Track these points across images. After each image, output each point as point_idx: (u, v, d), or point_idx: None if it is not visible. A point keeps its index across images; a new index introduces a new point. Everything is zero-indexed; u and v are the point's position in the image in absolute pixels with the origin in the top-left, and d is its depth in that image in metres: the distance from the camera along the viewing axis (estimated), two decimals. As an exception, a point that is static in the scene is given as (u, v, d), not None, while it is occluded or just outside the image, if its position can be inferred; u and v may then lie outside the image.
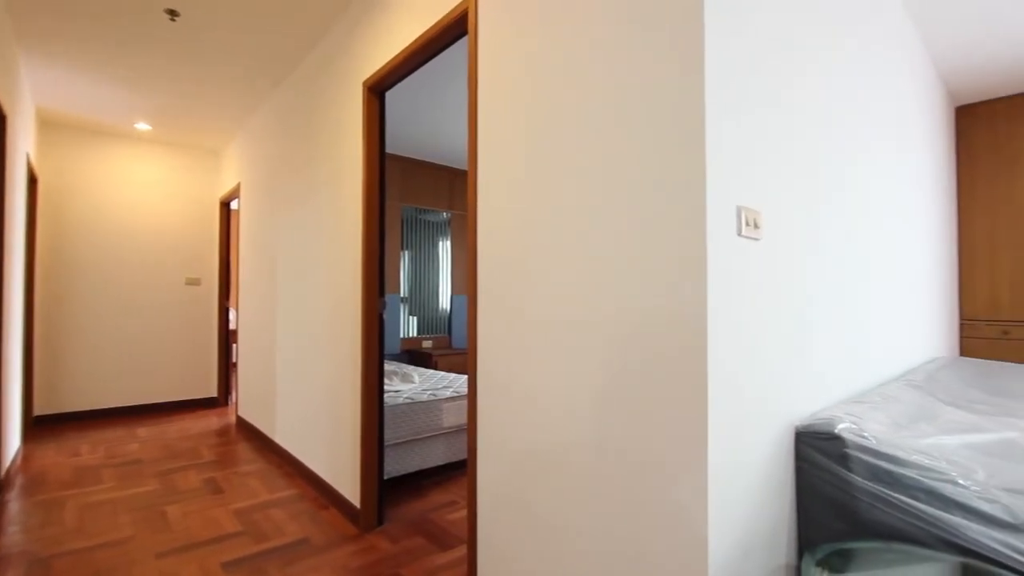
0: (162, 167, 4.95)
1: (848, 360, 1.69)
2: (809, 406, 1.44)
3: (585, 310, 1.31)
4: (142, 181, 4.85)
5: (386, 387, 3.21)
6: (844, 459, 1.27)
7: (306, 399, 3.04)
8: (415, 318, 5.40)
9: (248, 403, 4.12)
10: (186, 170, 5.08)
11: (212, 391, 5.17)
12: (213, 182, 5.24)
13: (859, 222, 1.82)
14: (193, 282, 5.08)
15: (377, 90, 2.40)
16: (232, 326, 5.65)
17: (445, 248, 5.65)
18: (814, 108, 1.52)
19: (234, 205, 5.59)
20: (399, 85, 3.44)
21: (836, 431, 1.28)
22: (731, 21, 1.14)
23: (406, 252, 5.31)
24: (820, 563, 1.11)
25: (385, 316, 5.05)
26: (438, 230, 5.60)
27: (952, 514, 1.16)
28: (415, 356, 5.17)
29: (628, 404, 1.19)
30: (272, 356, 3.61)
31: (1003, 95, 3.52)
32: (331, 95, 2.80)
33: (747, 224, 1.13)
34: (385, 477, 2.80)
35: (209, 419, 4.59)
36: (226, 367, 5.20)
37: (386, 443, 2.78)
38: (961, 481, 1.19)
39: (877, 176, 2.04)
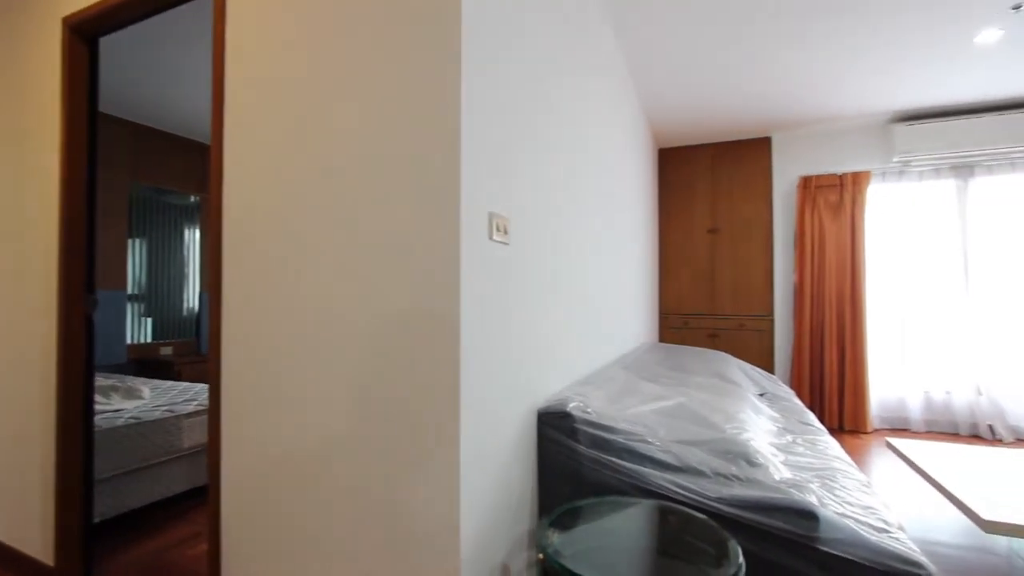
0: None
1: (581, 348, 2.01)
2: (550, 389, 1.68)
3: (344, 308, 1.26)
4: None
5: (101, 407, 2.57)
6: (573, 433, 1.51)
7: (-37, 433, 2.22)
8: (150, 320, 4.46)
9: None
10: None
11: None
12: None
13: (590, 233, 2.19)
14: None
15: (86, 34, 1.90)
16: None
17: (193, 237, 4.81)
18: (558, 138, 1.77)
19: None
20: (134, 35, 2.78)
21: (567, 409, 1.51)
22: (486, 54, 1.25)
23: (138, 240, 4.34)
24: (552, 524, 1.29)
25: (97, 318, 4.05)
26: (185, 215, 4.74)
27: (644, 466, 1.48)
28: (149, 366, 4.27)
29: (385, 402, 1.20)
30: (-101, 378, 2.53)
31: (684, 144, 4.69)
32: (9, 23, 2.11)
33: (497, 230, 1.25)
34: (99, 519, 2.24)
35: None
36: None
37: (100, 477, 2.23)
38: (649, 439, 1.54)
39: (604, 198, 2.48)
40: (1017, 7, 2.53)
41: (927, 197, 4.07)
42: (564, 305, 1.82)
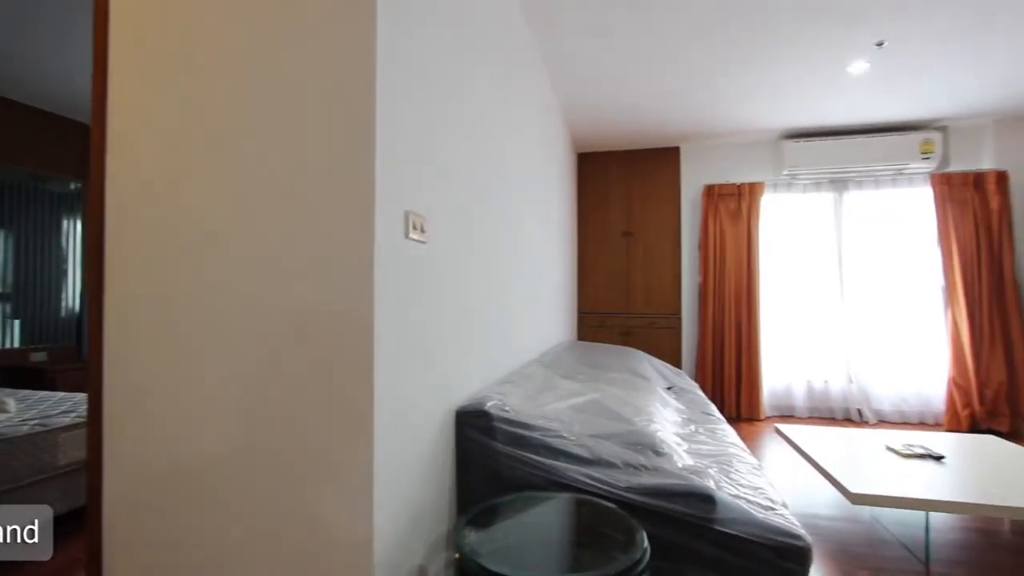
0: None
1: (500, 347, 2.03)
2: (469, 389, 1.68)
3: (243, 307, 1.18)
4: None
5: (-50, 424, 2.22)
6: (491, 431, 1.52)
7: None
8: (18, 322, 3.92)
9: None
10: None
11: None
12: None
13: (511, 233, 2.22)
14: None
15: (-70, -10, 1.63)
16: None
17: (74, 229, 4.28)
18: (478, 139, 1.78)
19: None
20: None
21: (485, 408, 1.52)
22: (401, 48, 1.23)
23: (4, 231, 3.80)
24: (469, 522, 1.29)
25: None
26: (63, 204, 4.21)
27: (559, 461, 1.52)
28: (18, 374, 3.76)
29: (290, 405, 1.14)
30: None
31: (601, 150, 4.89)
32: None
33: (414, 228, 1.24)
34: (-55, 554, 1.93)
35: None
36: None
37: (-53, 505, 1.92)
38: (564, 434, 1.59)
39: (526, 201, 2.53)
40: (880, 44, 2.90)
41: (810, 207, 4.55)
42: (484, 304, 1.83)
